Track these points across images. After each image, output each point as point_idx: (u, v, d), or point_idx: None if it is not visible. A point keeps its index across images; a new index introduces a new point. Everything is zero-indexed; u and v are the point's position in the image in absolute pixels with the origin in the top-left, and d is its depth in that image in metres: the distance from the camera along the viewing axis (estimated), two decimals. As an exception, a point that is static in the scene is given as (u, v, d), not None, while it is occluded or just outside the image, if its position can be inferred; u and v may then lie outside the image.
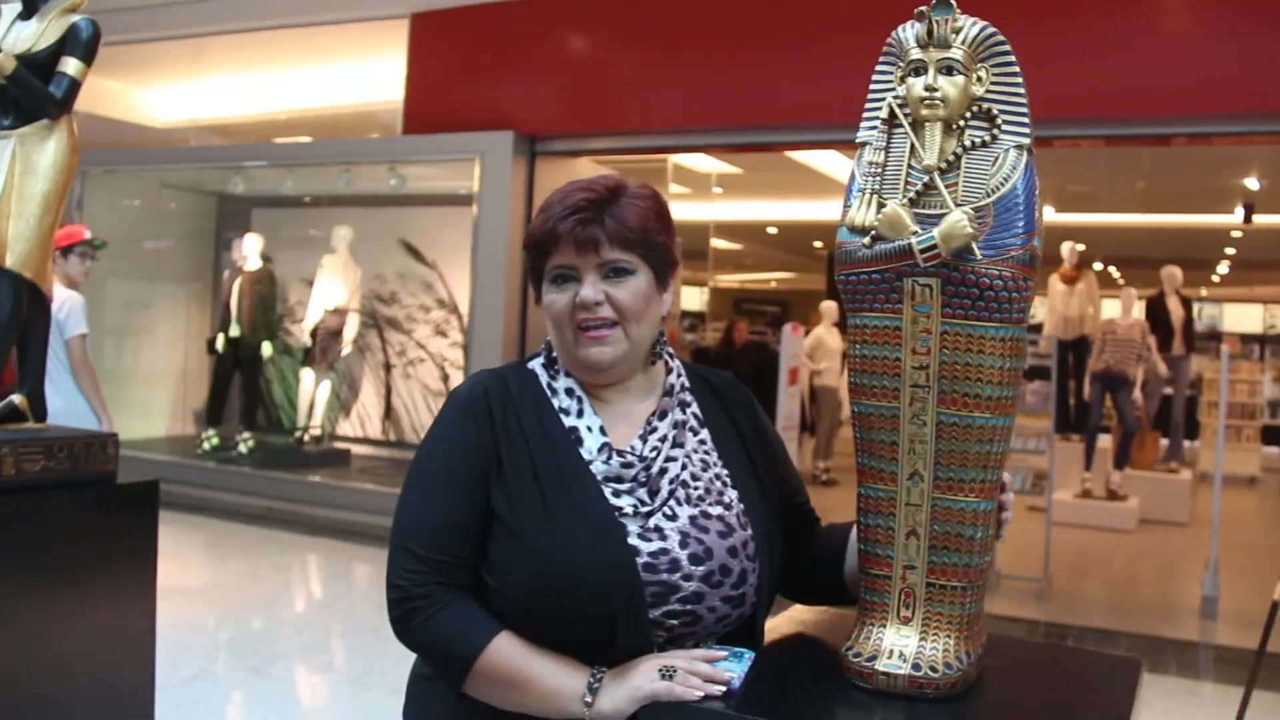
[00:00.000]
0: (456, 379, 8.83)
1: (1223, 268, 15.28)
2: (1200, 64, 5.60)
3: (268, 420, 9.68)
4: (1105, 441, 9.20)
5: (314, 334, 9.08)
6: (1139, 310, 9.27)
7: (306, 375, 9.24)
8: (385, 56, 7.89)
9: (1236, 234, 12.24)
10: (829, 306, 10.42)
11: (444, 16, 7.59)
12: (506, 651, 1.39)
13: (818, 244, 16.25)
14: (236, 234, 9.43)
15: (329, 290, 9.04)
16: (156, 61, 8.69)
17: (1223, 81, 5.52)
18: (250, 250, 8.90)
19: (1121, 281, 14.45)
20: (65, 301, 4.97)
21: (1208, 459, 10.38)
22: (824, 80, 6.28)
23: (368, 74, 8.43)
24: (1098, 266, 14.25)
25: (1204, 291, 16.83)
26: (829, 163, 9.54)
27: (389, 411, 9.41)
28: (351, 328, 9.19)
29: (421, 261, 9.15)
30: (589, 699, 1.35)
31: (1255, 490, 11.65)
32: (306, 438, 9.12)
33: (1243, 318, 16.86)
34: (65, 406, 4.67)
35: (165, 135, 9.58)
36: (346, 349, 9.25)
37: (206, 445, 8.94)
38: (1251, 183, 9.32)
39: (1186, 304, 9.70)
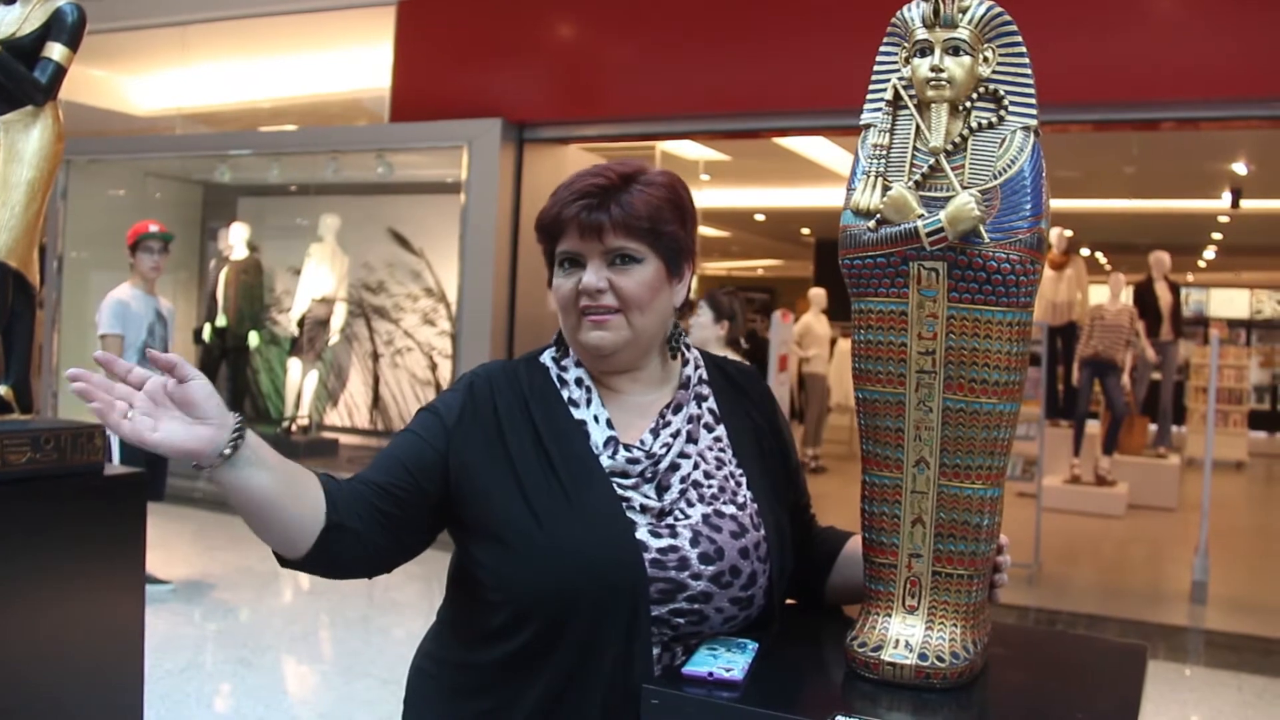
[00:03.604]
0: (444, 368, 8.79)
1: (1209, 253, 15.31)
2: (1188, 48, 5.58)
3: (255, 410, 9.63)
4: (1094, 427, 9.23)
5: (301, 323, 9.04)
6: (1127, 296, 9.29)
7: (294, 365, 9.20)
8: (372, 43, 7.82)
9: (1223, 219, 12.26)
10: (817, 293, 10.42)
11: (431, 2, 7.54)
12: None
13: (805, 231, 16.23)
14: (222, 223, 9.37)
15: (316, 279, 8.99)
16: (141, 49, 8.61)
17: (1211, 66, 5.51)
18: (236, 239, 8.85)
19: (1109, 267, 14.49)
20: (103, 300, 5.39)
21: (1195, 444, 10.42)
22: (812, 66, 6.26)
23: (354, 61, 8.35)
24: (1085, 252, 14.29)
25: (1190, 277, 16.87)
26: (817, 149, 9.51)
27: (376, 401, 9.37)
28: (339, 317, 9.14)
29: (409, 250, 9.10)
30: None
31: (1242, 475, 11.71)
32: (294, 428, 9.08)
33: (1229, 303, 16.91)
34: None
35: (150, 123, 9.47)
36: (334, 338, 9.21)
37: (193, 436, 8.88)
38: (1239, 168, 9.31)
39: (1175, 289, 9.73)
